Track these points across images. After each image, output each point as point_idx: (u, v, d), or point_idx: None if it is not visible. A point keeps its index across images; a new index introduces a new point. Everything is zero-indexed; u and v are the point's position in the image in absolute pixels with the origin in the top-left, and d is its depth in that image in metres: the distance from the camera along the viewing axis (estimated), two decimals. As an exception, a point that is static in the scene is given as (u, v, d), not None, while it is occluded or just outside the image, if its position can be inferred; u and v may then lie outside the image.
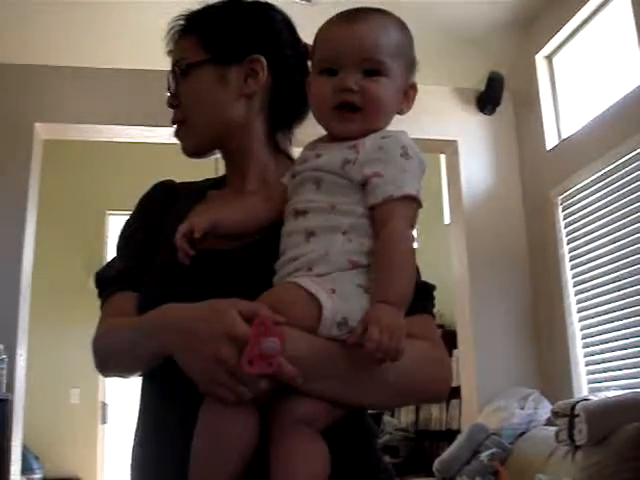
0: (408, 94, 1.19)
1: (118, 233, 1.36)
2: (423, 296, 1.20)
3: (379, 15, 1.16)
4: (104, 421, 7.19)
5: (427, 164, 1.12)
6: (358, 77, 1.10)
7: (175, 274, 1.15)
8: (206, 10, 1.31)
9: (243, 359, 0.93)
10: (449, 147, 5.54)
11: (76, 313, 6.03)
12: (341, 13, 1.16)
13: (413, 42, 1.19)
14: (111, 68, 5.02)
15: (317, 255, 1.04)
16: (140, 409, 1.20)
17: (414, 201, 1.07)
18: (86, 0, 4.80)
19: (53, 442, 6.67)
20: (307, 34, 1.29)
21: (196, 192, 1.35)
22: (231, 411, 0.97)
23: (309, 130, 1.31)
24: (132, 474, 1.17)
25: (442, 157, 6.03)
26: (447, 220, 6.12)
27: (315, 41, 1.18)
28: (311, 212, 1.08)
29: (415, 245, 1.12)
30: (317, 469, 0.98)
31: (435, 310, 1.22)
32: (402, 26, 1.18)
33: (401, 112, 1.19)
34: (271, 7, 1.33)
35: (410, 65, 1.18)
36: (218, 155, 1.34)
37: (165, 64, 1.34)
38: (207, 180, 1.41)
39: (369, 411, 1.21)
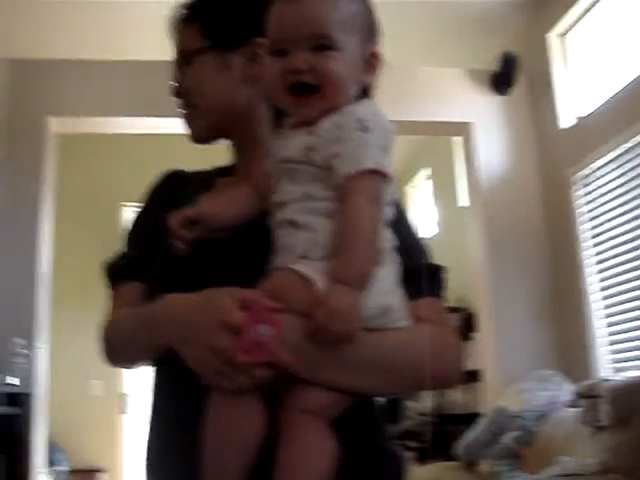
0: (370, 63, 1.13)
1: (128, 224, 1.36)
2: (430, 278, 1.17)
3: None
4: (124, 411, 7.23)
5: (393, 129, 1.07)
6: (307, 55, 1.05)
7: (174, 264, 1.15)
8: None
9: (237, 347, 0.92)
10: (464, 129, 5.49)
11: (94, 305, 6.02)
12: None
13: (370, 7, 1.14)
14: (121, 60, 5.02)
15: (306, 241, 1.02)
16: (153, 402, 1.20)
17: (375, 174, 1.02)
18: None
19: (75, 434, 6.71)
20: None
21: (204, 181, 1.33)
22: (236, 402, 0.96)
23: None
24: (149, 471, 1.16)
25: (455, 139, 5.98)
26: (461, 202, 6.09)
27: (267, 22, 1.12)
28: (289, 203, 1.06)
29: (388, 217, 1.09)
30: (322, 462, 0.97)
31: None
32: None
33: (362, 82, 1.13)
34: None
35: (368, 33, 1.12)
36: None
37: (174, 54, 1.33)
38: (216, 168, 1.40)
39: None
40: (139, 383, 6.98)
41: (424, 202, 7.98)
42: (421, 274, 1.15)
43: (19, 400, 4.12)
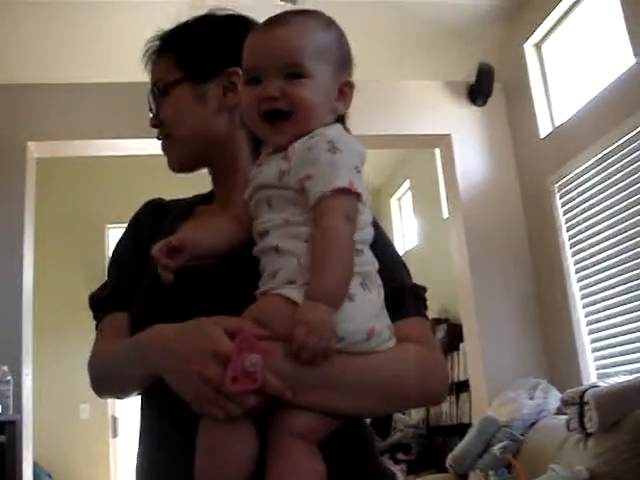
0: (343, 92, 1.15)
1: (110, 254, 1.37)
2: (414, 299, 1.19)
3: (300, 17, 1.13)
4: (115, 435, 7.18)
5: (365, 152, 1.09)
6: (280, 83, 1.08)
7: (159, 292, 1.15)
8: (180, 28, 1.32)
9: (226, 377, 0.93)
10: (443, 141, 5.52)
11: (81, 328, 5.95)
12: (265, 20, 1.14)
13: (343, 39, 1.17)
14: (100, 82, 5.01)
15: (291, 267, 1.03)
16: (142, 428, 1.20)
17: (347, 193, 1.03)
18: (71, 15, 4.80)
19: (65, 458, 6.66)
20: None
21: (184, 209, 1.35)
22: (227, 428, 0.97)
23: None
24: None
25: (437, 151, 6.02)
26: (446, 214, 6.12)
27: (242, 51, 1.15)
28: (271, 230, 1.07)
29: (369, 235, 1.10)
30: None
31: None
32: (327, 25, 1.15)
33: (337, 111, 1.15)
34: (245, 19, 1.33)
35: (341, 63, 1.15)
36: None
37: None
38: (196, 196, 1.41)
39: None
40: (130, 406, 6.94)
41: (409, 214, 8.00)
42: (404, 294, 1.17)
43: (4, 428, 4.08)
